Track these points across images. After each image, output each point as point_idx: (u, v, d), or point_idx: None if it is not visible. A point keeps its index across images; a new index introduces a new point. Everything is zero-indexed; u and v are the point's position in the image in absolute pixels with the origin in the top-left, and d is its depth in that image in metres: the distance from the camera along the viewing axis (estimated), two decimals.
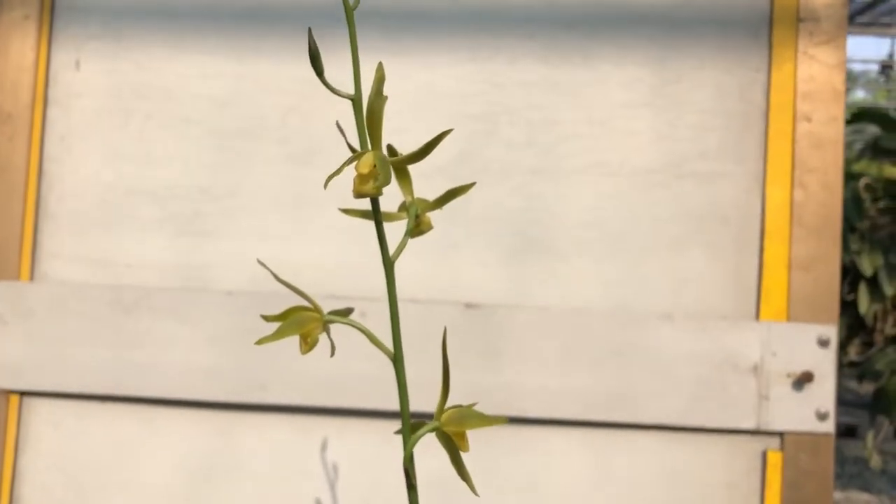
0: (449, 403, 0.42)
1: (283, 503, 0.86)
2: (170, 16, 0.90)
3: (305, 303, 0.43)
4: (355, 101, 0.38)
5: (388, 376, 0.85)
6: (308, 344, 0.41)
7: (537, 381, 0.85)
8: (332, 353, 0.41)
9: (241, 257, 0.88)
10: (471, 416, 0.41)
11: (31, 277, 0.88)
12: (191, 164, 0.89)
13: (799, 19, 0.86)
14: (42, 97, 0.90)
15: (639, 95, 0.87)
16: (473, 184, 0.40)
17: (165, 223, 0.89)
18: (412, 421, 0.41)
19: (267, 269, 0.41)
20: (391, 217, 0.42)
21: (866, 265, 2.29)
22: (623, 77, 0.87)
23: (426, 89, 0.88)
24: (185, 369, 0.86)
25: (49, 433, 0.88)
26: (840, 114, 0.86)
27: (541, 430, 0.85)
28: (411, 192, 0.41)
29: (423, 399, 0.85)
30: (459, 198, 0.45)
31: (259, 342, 0.40)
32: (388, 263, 0.40)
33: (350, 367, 0.85)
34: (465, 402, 0.48)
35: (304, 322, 0.41)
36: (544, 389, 0.85)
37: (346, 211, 0.41)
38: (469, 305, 0.86)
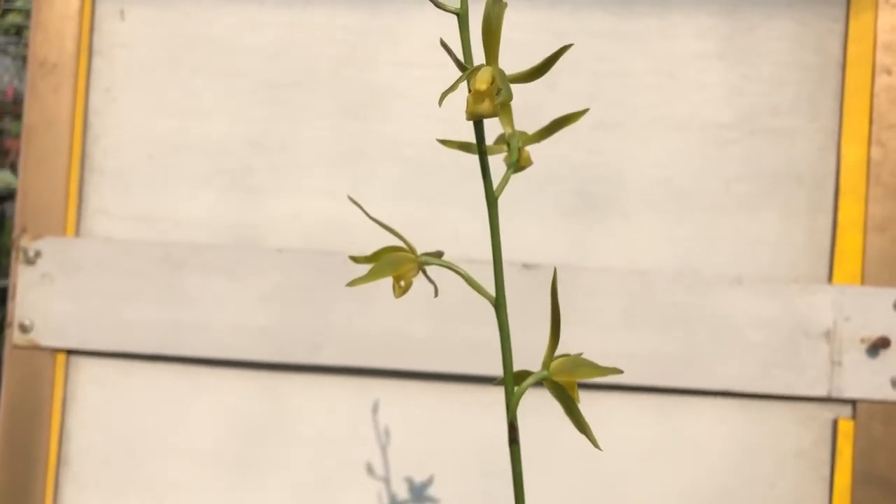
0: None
1: (334, 466, 0.84)
2: None
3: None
4: (461, 15, 0.34)
5: (442, 338, 0.82)
6: (402, 287, 0.38)
7: (599, 344, 0.82)
8: (436, 294, 0.38)
9: (292, 214, 0.85)
10: (582, 365, 0.38)
11: (77, 233, 0.86)
12: (240, 118, 0.86)
13: None
14: (87, 47, 0.87)
15: (710, 46, 0.83)
16: (586, 110, 0.36)
17: (214, 178, 0.86)
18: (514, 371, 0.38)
19: (357, 205, 0.38)
20: (490, 150, 0.38)
21: None
22: (693, 27, 0.83)
23: None
24: (234, 328, 0.84)
25: (96, 392, 0.86)
26: None
27: (602, 395, 0.82)
28: (511, 124, 0.38)
29: (479, 362, 0.82)
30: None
31: (351, 284, 0.36)
32: (492, 199, 0.36)
33: (404, 329, 0.83)
34: (525, 365, 0.45)
35: (398, 263, 0.37)
36: (606, 353, 0.81)
37: (444, 142, 0.37)
38: (527, 266, 0.82)
